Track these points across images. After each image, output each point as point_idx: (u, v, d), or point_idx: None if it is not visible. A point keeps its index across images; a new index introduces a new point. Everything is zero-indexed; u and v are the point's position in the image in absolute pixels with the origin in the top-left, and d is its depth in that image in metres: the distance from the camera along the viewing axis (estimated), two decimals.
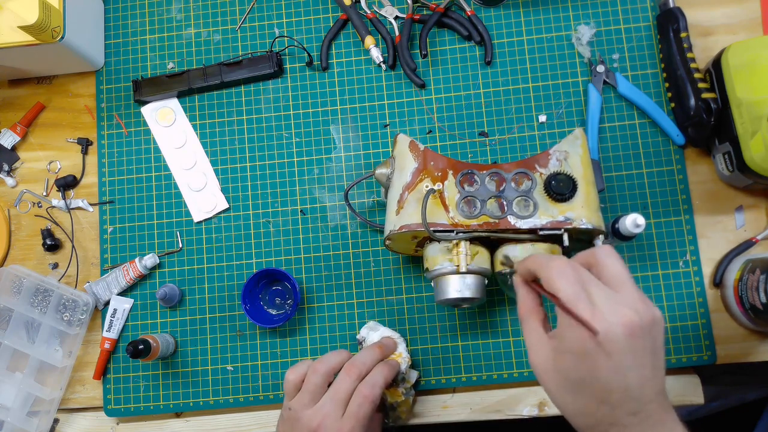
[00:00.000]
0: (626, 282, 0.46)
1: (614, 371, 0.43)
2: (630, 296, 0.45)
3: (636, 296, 0.45)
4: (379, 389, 0.60)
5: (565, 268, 0.46)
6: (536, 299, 0.51)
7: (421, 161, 0.65)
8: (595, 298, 0.44)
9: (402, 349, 0.68)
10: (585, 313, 0.43)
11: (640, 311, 0.44)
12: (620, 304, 0.44)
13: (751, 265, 0.67)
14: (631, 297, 0.45)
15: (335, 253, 0.75)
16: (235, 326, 0.75)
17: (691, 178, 0.74)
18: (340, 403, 0.59)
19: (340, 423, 0.58)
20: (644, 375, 0.44)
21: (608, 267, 0.46)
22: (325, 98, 0.79)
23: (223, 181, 0.78)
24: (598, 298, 0.44)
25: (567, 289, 0.45)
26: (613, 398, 0.44)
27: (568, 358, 0.45)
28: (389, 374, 0.63)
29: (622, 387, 0.44)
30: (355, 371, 0.61)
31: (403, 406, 0.69)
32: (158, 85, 0.79)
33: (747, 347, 0.71)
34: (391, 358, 0.67)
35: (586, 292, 0.45)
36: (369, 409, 0.59)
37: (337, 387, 0.60)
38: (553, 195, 0.62)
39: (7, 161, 0.81)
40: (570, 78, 0.77)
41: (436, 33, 0.79)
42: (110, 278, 0.76)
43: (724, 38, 0.76)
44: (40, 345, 0.75)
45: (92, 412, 0.77)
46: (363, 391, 0.60)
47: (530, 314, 0.50)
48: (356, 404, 0.59)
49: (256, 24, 0.81)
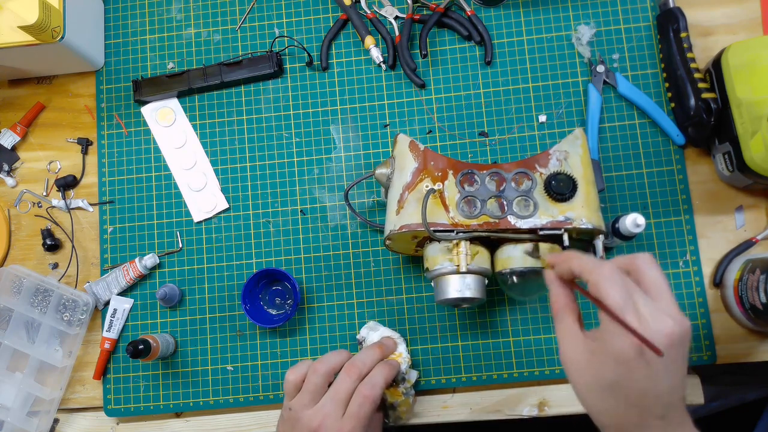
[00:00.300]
0: (665, 291, 0.47)
1: (651, 378, 0.45)
2: (669, 305, 0.46)
3: (674, 306, 0.46)
4: (380, 389, 0.60)
5: (613, 275, 0.46)
6: (570, 295, 0.51)
7: (421, 161, 0.65)
8: (640, 307, 0.45)
9: (402, 349, 0.68)
10: (634, 323, 0.44)
11: (679, 321, 0.45)
12: (662, 314, 0.45)
13: (751, 265, 0.67)
14: (670, 306, 0.46)
15: (335, 253, 0.75)
16: (235, 326, 0.75)
17: (691, 178, 0.74)
18: (340, 403, 0.59)
19: (341, 423, 0.58)
20: (676, 382, 0.46)
21: (649, 275, 0.47)
22: (325, 98, 0.79)
23: (223, 181, 0.78)
24: (642, 307, 0.45)
25: (616, 296, 0.45)
26: (645, 402, 0.45)
27: (606, 360, 0.46)
28: (389, 374, 0.63)
29: (656, 393, 0.45)
30: (356, 371, 0.61)
31: (403, 406, 0.69)
32: (158, 85, 0.79)
33: (747, 347, 0.71)
34: (391, 358, 0.67)
35: (632, 300, 0.45)
36: (369, 408, 0.59)
37: (337, 387, 0.60)
38: (553, 195, 0.62)
39: (7, 161, 0.81)
40: (570, 78, 0.77)
41: (436, 33, 0.79)
42: (110, 278, 0.76)
43: (724, 38, 0.76)
44: (40, 345, 0.75)
45: (92, 412, 0.77)
46: (363, 391, 0.60)
47: (565, 311, 0.50)
48: (357, 404, 0.59)
49: (256, 24, 0.81)
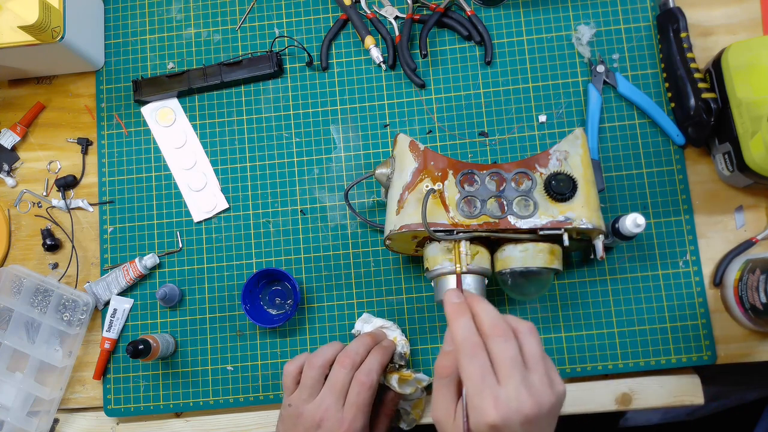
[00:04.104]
0: (539, 363, 0.47)
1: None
2: (539, 379, 0.46)
3: (545, 379, 0.46)
4: (376, 374, 0.62)
5: (476, 351, 0.46)
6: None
7: (421, 161, 0.65)
8: (502, 382, 0.45)
9: (396, 334, 0.69)
10: (488, 401, 0.44)
11: (543, 398, 0.45)
12: (525, 390, 0.45)
13: (751, 265, 0.67)
14: (539, 379, 0.46)
15: (335, 253, 0.75)
16: (235, 326, 0.75)
17: (691, 178, 0.74)
18: (337, 394, 0.60)
19: (342, 413, 0.59)
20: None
21: (526, 345, 0.47)
22: (325, 98, 0.79)
23: (223, 181, 0.78)
24: (505, 382, 0.45)
25: (474, 373, 0.45)
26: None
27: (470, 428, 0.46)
28: (384, 357, 0.64)
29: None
30: (348, 361, 0.61)
31: (417, 408, 0.69)
32: (158, 85, 0.79)
33: (747, 347, 0.71)
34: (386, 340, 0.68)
35: (495, 375, 0.45)
36: (368, 395, 0.60)
37: (332, 379, 0.61)
38: (554, 195, 0.62)
39: (7, 161, 0.81)
40: (570, 78, 0.77)
41: (436, 33, 0.79)
42: (110, 278, 0.76)
43: (724, 38, 0.76)
44: (40, 345, 0.75)
45: (92, 412, 0.77)
46: (360, 379, 0.61)
47: (450, 378, 0.50)
48: (355, 392, 0.60)
49: (256, 24, 0.81)
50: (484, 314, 0.48)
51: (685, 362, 0.70)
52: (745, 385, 1.02)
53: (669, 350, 0.70)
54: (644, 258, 0.72)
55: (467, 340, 0.47)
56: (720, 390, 1.01)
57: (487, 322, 0.48)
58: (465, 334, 0.47)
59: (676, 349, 0.70)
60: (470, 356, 0.46)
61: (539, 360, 0.47)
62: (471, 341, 0.47)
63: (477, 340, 0.47)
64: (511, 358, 0.45)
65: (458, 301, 0.51)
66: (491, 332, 0.47)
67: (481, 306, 0.49)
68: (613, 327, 0.71)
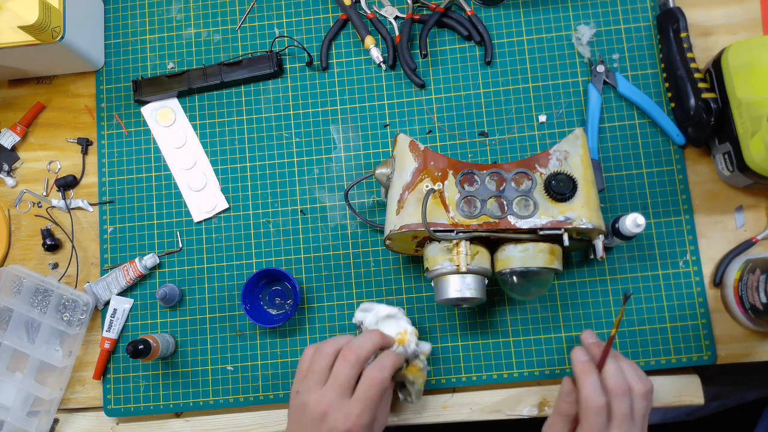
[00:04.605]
0: (641, 420, 0.60)
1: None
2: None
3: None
4: (389, 372, 0.60)
5: (602, 410, 0.59)
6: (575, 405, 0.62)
7: (421, 161, 0.65)
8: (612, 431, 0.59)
9: (406, 325, 0.66)
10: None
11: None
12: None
13: (751, 265, 0.67)
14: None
15: (335, 253, 0.75)
16: (235, 326, 0.75)
17: (691, 178, 0.74)
18: (340, 389, 0.59)
19: (348, 407, 0.58)
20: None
21: (636, 405, 0.60)
22: (325, 98, 0.79)
23: (223, 181, 0.78)
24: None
25: (594, 428, 0.58)
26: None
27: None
28: (398, 360, 0.63)
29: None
30: (353, 356, 0.60)
31: (419, 379, 0.67)
32: (158, 85, 0.79)
33: (747, 347, 0.71)
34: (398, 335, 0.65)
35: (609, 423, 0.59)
36: (377, 391, 0.59)
37: (335, 373, 0.60)
38: (554, 195, 0.62)
39: (7, 161, 0.81)
40: (570, 78, 0.77)
41: (436, 33, 0.79)
42: (110, 278, 0.76)
43: (724, 38, 0.76)
44: (40, 345, 0.75)
45: (92, 412, 0.77)
46: (372, 374, 0.59)
47: (569, 418, 0.63)
48: (364, 387, 0.59)
49: (256, 24, 0.81)
50: (610, 374, 0.60)
51: (685, 362, 0.70)
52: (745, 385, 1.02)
53: (669, 350, 0.70)
54: (644, 258, 0.72)
55: (595, 400, 0.58)
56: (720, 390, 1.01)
57: (611, 382, 0.59)
58: (592, 394, 0.58)
59: (676, 349, 0.71)
60: (595, 413, 0.58)
61: (641, 419, 0.60)
62: (598, 402, 0.58)
63: (603, 402, 0.58)
64: (623, 415, 0.58)
65: (585, 359, 0.62)
66: (614, 391, 0.59)
67: (607, 366, 0.61)
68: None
